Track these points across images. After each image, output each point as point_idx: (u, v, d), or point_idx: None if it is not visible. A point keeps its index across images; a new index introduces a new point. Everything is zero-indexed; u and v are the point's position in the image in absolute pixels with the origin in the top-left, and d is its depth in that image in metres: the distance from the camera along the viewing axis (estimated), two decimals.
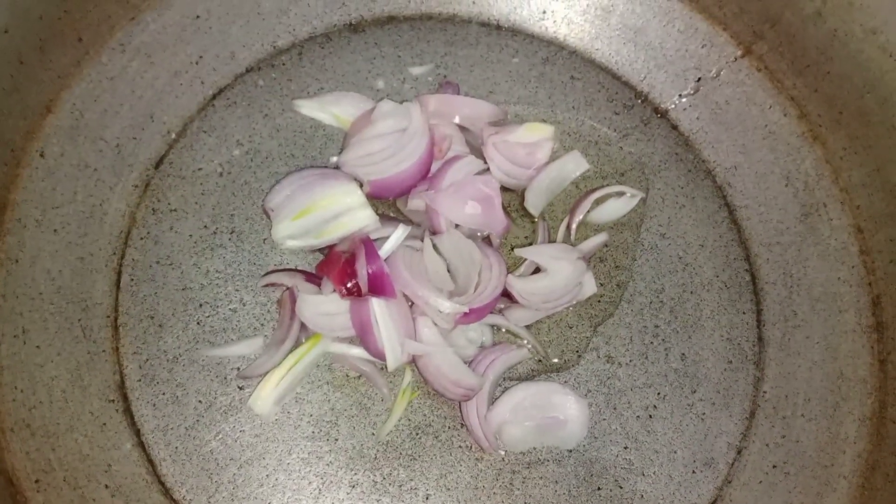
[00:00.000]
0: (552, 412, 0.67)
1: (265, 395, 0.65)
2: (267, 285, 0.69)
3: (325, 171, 0.71)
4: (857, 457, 0.68)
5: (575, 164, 0.76)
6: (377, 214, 0.69)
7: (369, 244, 0.65)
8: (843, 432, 0.69)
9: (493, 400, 0.67)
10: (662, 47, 0.81)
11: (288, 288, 0.68)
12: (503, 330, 0.70)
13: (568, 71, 0.81)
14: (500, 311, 0.70)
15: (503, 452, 0.66)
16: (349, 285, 0.64)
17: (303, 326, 0.67)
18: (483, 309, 0.66)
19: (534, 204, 0.74)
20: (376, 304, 0.64)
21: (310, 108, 0.76)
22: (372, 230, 0.68)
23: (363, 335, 0.65)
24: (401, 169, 0.70)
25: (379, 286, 0.63)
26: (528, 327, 0.70)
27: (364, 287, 0.63)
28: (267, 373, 0.66)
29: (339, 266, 0.65)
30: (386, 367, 0.66)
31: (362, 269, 0.64)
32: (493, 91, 0.79)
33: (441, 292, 0.65)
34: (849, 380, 0.70)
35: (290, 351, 0.66)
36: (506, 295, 0.68)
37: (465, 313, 0.65)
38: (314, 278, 0.68)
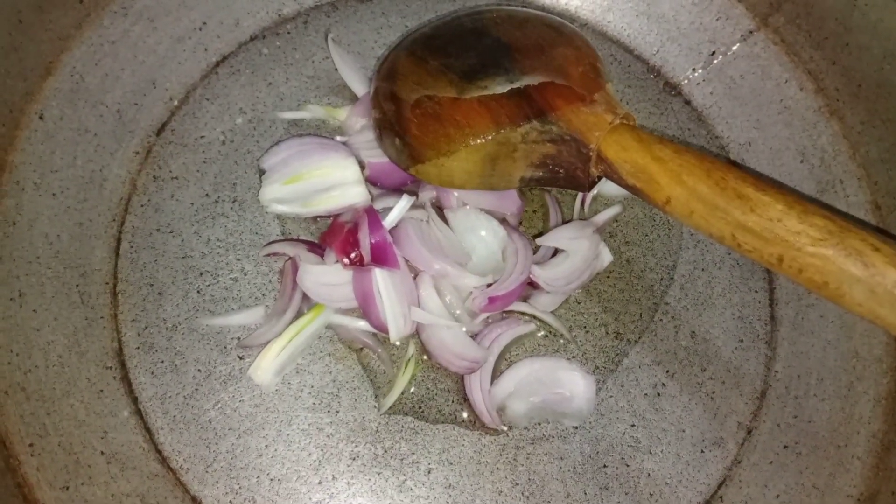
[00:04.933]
0: (558, 388, 0.66)
1: (265, 366, 0.64)
2: (269, 255, 0.68)
3: (326, 141, 0.70)
4: (872, 437, 0.66)
5: None
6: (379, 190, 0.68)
7: (372, 214, 0.63)
8: (858, 412, 0.67)
9: (497, 375, 0.66)
10: (676, 20, 0.79)
11: (290, 258, 0.67)
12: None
13: None
14: (525, 299, 0.68)
15: (506, 428, 0.65)
16: (352, 255, 0.62)
17: (305, 297, 0.66)
18: (509, 296, 0.64)
19: None
20: (379, 275, 0.62)
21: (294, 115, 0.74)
22: (362, 203, 0.66)
23: (365, 306, 0.63)
24: None
25: (382, 256, 0.62)
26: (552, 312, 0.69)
27: (367, 257, 0.62)
28: (267, 343, 0.64)
29: (342, 236, 0.64)
30: (389, 340, 0.64)
31: (365, 239, 0.62)
32: None
33: (462, 266, 0.64)
34: (864, 359, 0.69)
35: (292, 321, 0.65)
36: (528, 283, 0.67)
37: (491, 300, 0.63)
38: (317, 248, 0.67)
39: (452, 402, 0.65)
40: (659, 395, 0.67)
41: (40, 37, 0.67)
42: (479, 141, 0.59)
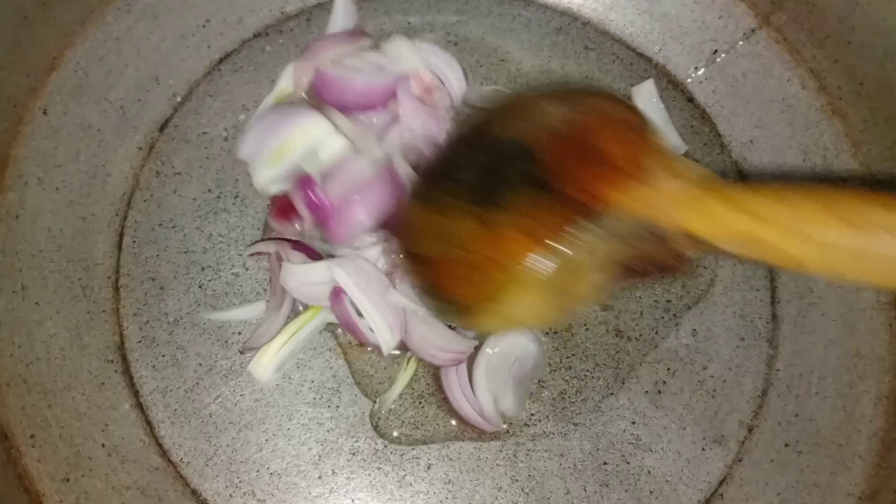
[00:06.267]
0: (514, 359, 0.65)
1: (265, 362, 0.64)
2: (253, 254, 0.68)
3: (283, 110, 0.69)
4: (873, 435, 0.66)
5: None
6: None
7: (303, 179, 0.65)
8: (859, 411, 0.67)
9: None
10: (678, 18, 0.79)
11: (274, 253, 0.66)
12: None
13: (581, 41, 0.79)
14: None
15: (506, 426, 0.65)
16: (292, 219, 0.65)
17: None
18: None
19: None
20: (354, 296, 0.62)
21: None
22: (345, 155, 0.66)
23: (352, 331, 0.63)
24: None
25: (320, 214, 0.65)
26: None
27: (306, 216, 0.65)
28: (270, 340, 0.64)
29: (277, 205, 0.66)
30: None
31: (300, 203, 0.64)
32: (504, 60, 0.77)
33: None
34: (865, 358, 0.68)
35: (289, 317, 0.65)
36: None
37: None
38: (301, 246, 0.66)
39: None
40: (660, 392, 0.67)
41: (44, 33, 0.67)
42: (525, 274, 0.47)
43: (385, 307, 0.62)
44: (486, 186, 0.50)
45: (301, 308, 0.66)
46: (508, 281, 0.48)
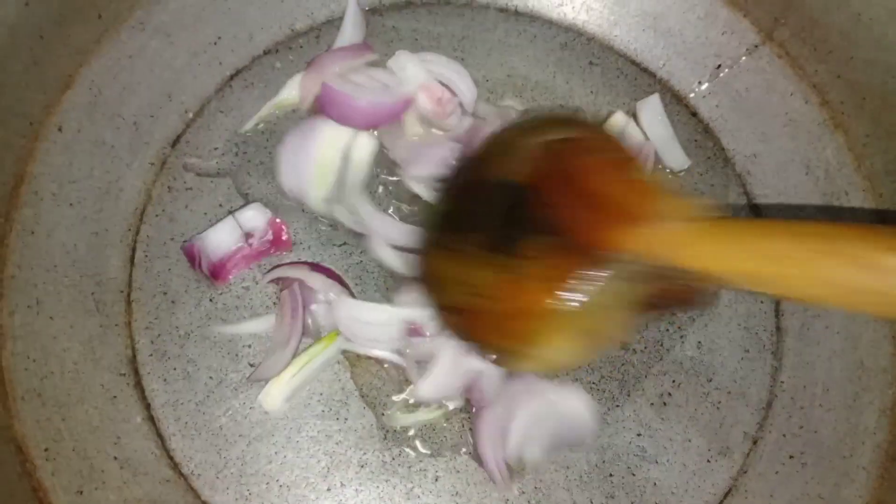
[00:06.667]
0: (560, 416, 0.65)
1: (275, 392, 0.64)
2: (272, 281, 0.68)
3: (299, 132, 0.71)
4: (877, 447, 0.67)
5: None
6: None
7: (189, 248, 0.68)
8: (863, 423, 0.67)
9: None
10: (682, 34, 0.80)
11: (292, 283, 0.66)
12: None
13: (587, 56, 0.80)
14: None
15: (516, 492, 0.64)
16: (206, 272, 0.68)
17: (306, 324, 0.66)
18: None
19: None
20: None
21: None
22: (376, 149, 0.70)
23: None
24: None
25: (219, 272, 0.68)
26: None
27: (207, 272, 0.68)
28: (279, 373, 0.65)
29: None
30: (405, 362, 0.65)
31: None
32: (510, 75, 0.78)
33: None
34: (869, 370, 0.69)
35: (297, 350, 0.65)
36: None
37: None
38: (320, 268, 0.67)
39: (460, 409, 0.66)
40: (665, 404, 0.68)
41: (60, 51, 0.68)
42: (552, 321, 0.49)
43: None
44: (498, 233, 0.51)
45: (311, 338, 0.66)
46: (538, 328, 0.49)
